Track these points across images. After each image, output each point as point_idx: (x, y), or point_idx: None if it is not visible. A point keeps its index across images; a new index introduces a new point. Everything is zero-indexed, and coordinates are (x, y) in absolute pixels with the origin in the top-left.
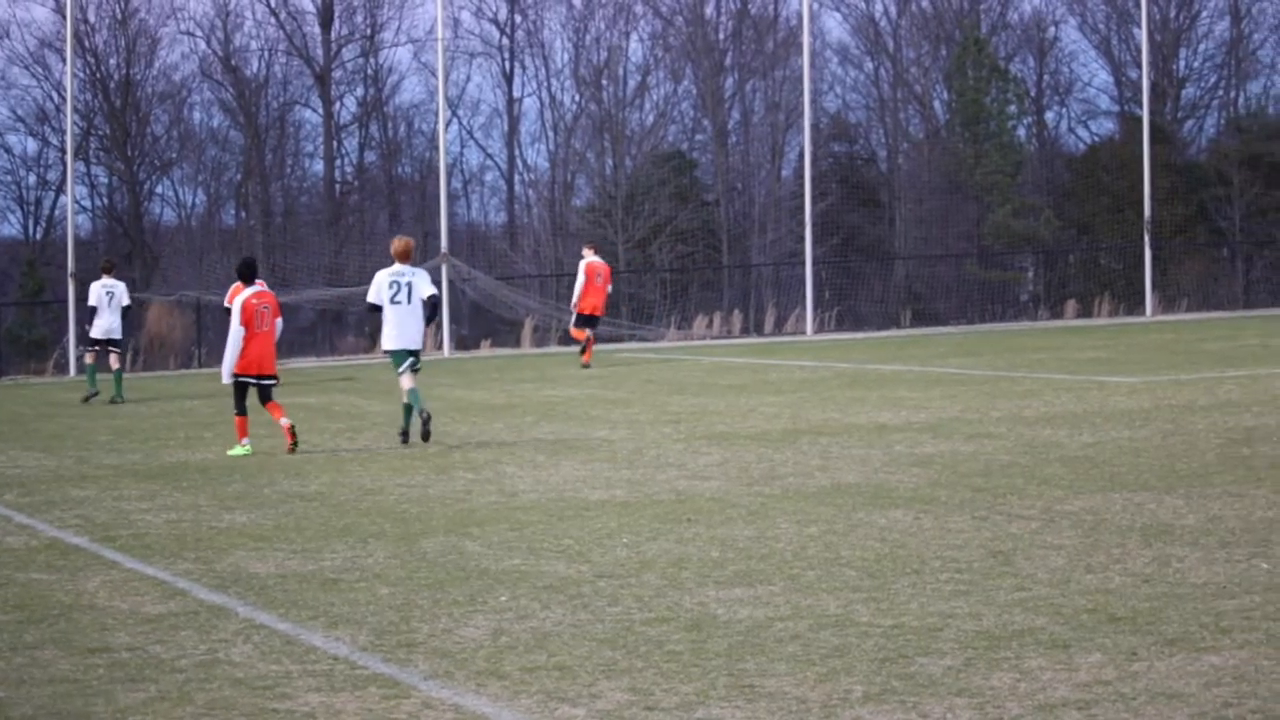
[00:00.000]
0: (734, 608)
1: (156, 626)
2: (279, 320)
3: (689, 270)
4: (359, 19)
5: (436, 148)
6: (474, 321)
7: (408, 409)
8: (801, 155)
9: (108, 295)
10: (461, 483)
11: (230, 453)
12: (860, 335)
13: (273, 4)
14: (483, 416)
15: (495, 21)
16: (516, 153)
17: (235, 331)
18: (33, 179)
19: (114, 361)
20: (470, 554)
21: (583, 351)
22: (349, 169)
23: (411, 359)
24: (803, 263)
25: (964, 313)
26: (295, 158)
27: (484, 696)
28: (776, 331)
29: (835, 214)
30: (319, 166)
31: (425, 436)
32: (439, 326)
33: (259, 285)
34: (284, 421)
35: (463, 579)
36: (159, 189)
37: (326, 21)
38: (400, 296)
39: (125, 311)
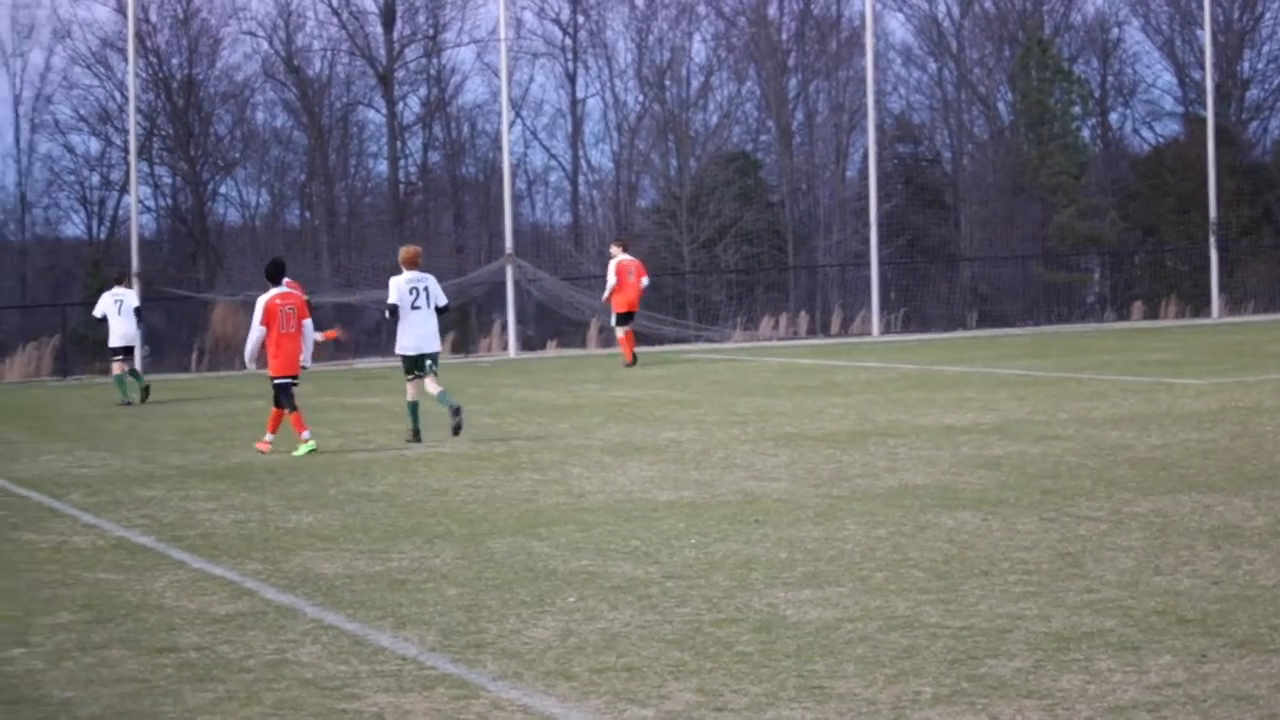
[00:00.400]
0: (803, 609)
1: (224, 626)
2: (307, 321)
3: (754, 271)
4: (421, 19)
5: (500, 148)
6: (540, 322)
7: (414, 408)
8: (866, 156)
9: (116, 304)
10: (528, 483)
11: (295, 453)
12: (926, 336)
13: (335, 4)
14: (549, 417)
15: (558, 22)
16: (580, 153)
17: (255, 330)
18: (96, 179)
19: (119, 367)
20: (538, 555)
21: (626, 350)
22: (413, 169)
23: (430, 362)
24: (868, 264)
25: (1030, 314)
26: (359, 158)
27: (552, 697)
28: (843, 333)
29: (900, 215)
30: (383, 167)
31: (456, 431)
32: (504, 327)
33: (285, 286)
34: (268, 438)
35: (531, 580)
36: (223, 189)
37: (389, 21)
38: (420, 301)
39: (139, 315)
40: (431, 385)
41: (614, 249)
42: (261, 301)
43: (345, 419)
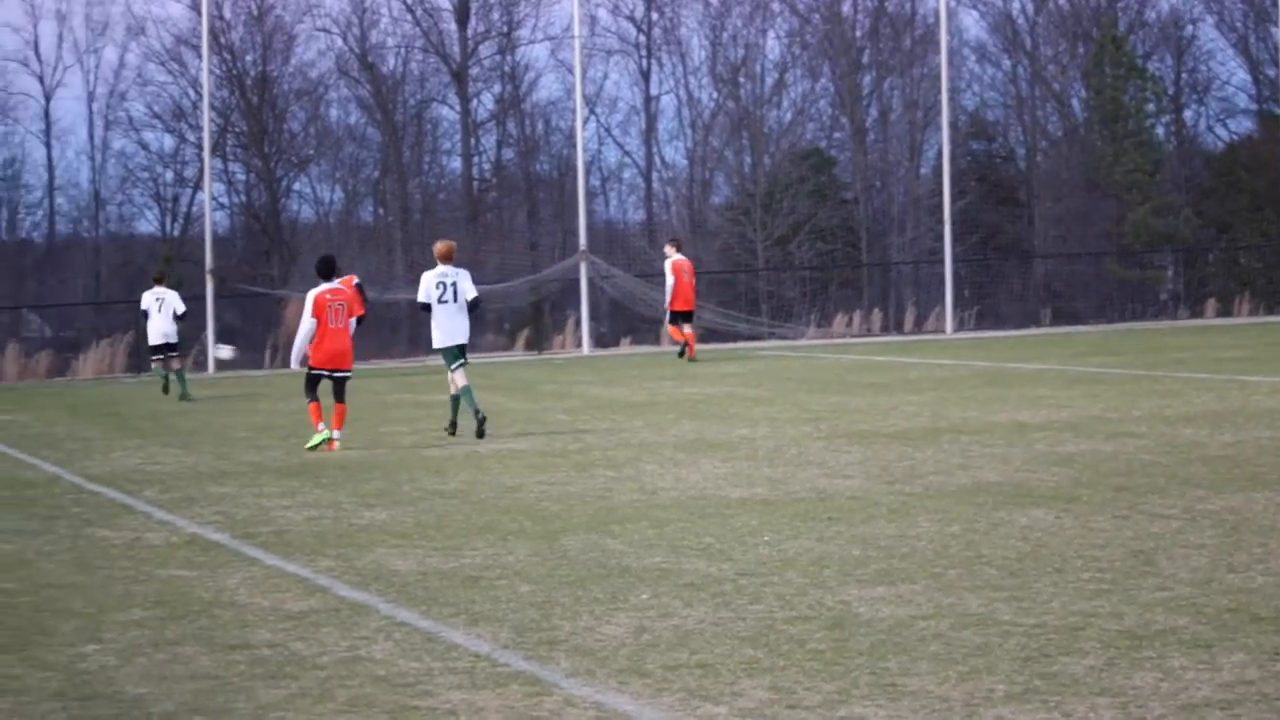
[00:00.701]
0: (876, 606)
1: (298, 623)
2: (354, 320)
3: (828, 268)
4: (495, 16)
5: (574, 145)
6: (613, 319)
7: (455, 401)
8: (940, 153)
9: (158, 302)
10: (602, 480)
11: (309, 445)
12: (1000, 334)
13: (409, 1)
14: (622, 414)
15: (632, 19)
16: (654, 150)
17: (306, 322)
18: (170, 176)
19: (174, 364)
20: (611, 552)
21: (683, 351)
22: (486, 166)
23: (461, 360)
24: (942, 261)
25: (1104, 311)
26: (433, 155)
27: (626, 694)
28: (916, 330)
29: (974, 212)
30: (456, 164)
31: (480, 435)
32: (578, 324)
33: (336, 283)
34: (337, 435)
35: (604, 577)
36: (296, 186)
37: (463, 18)
38: (446, 296)
39: (180, 318)
40: (459, 379)
41: (668, 249)
42: (311, 296)
43: (419, 415)
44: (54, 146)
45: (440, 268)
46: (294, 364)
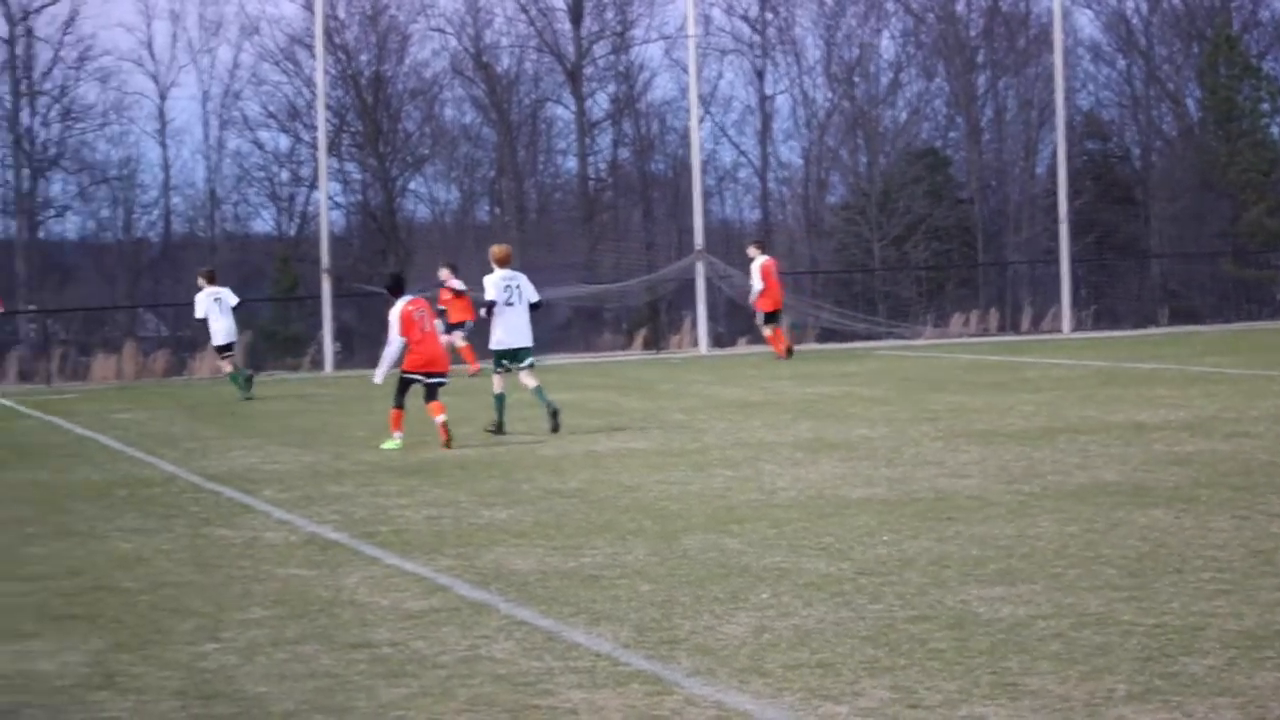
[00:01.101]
0: (996, 606)
1: (418, 622)
2: (437, 321)
3: (944, 268)
4: (609, 15)
5: (689, 145)
6: (730, 318)
7: (500, 400)
8: (1055, 153)
9: (216, 302)
10: (721, 480)
11: (383, 446)
12: (1117, 333)
13: (523, 1)
14: (740, 413)
15: (746, 19)
16: (769, 150)
17: (394, 342)
18: (285, 175)
19: (228, 365)
20: (731, 551)
21: (778, 347)
22: (602, 166)
23: (528, 360)
24: (1058, 260)
25: (1220, 311)
26: (548, 154)
27: (746, 694)
28: (1033, 329)
29: (1090, 211)
30: (572, 163)
31: (554, 429)
32: (695, 323)
33: (411, 295)
34: (440, 419)
35: (724, 576)
36: (412, 185)
37: (577, 18)
38: (513, 299)
39: (235, 309)
40: (529, 379)
41: (753, 250)
42: (395, 313)
43: (537, 415)
44: (169, 146)
45: (502, 271)
46: (378, 379)
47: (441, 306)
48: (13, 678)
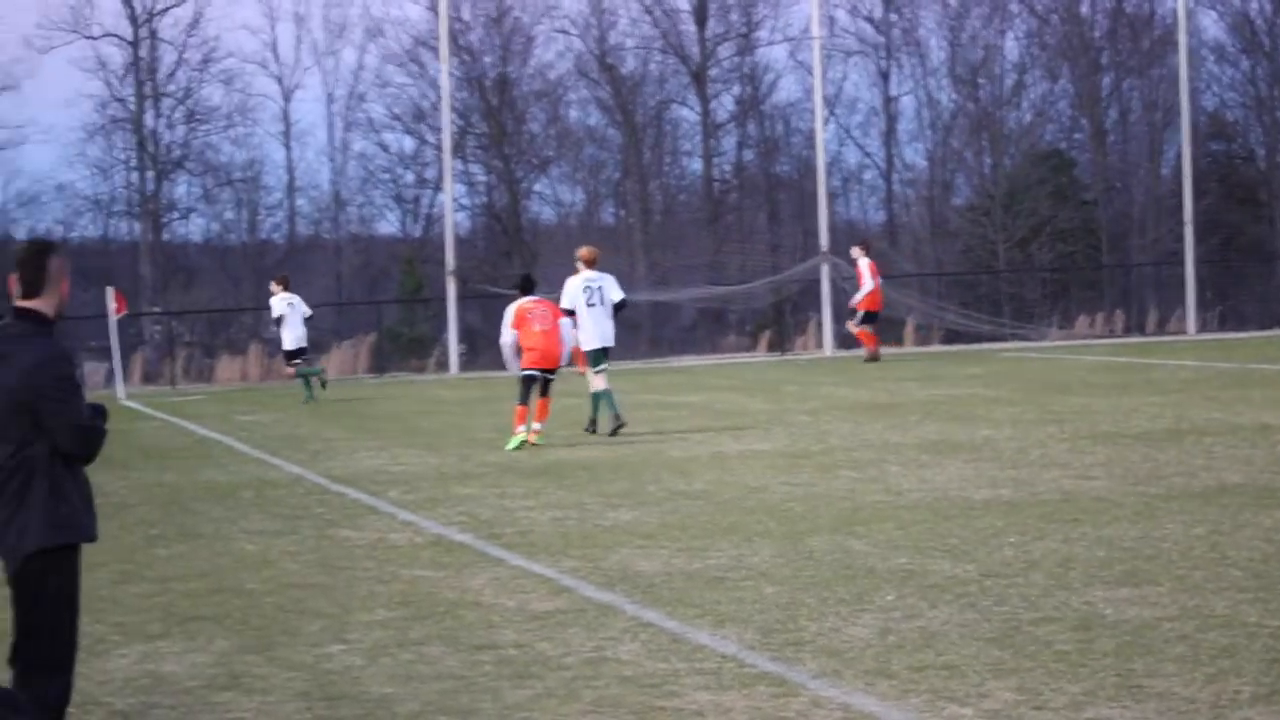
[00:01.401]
0: (1121, 608)
1: (543, 624)
2: (562, 320)
3: (1069, 269)
4: (734, 17)
5: (814, 146)
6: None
7: (596, 399)
8: (1180, 154)
9: (289, 307)
10: (846, 481)
11: (508, 447)
12: (1243, 335)
13: (647, 2)
14: (866, 415)
15: (870, 20)
16: (894, 151)
17: (504, 334)
18: (410, 177)
19: (293, 370)
20: (856, 553)
21: (870, 344)
22: (727, 167)
23: (602, 364)
24: (1183, 262)
25: None
26: (673, 156)
27: (872, 696)
28: (1158, 331)
29: (1215, 213)
30: (697, 165)
31: (613, 433)
32: (820, 325)
33: (536, 296)
34: (536, 426)
35: (849, 578)
36: (537, 187)
37: (701, 19)
38: (594, 299)
39: (308, 320)
40: (601, 382)
41: (857, 251)
42: (511, 309)
43: (664, 416)
44: (293, 148)
45: (586, 272)
46: (510, 367)
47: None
48: (140, 679)
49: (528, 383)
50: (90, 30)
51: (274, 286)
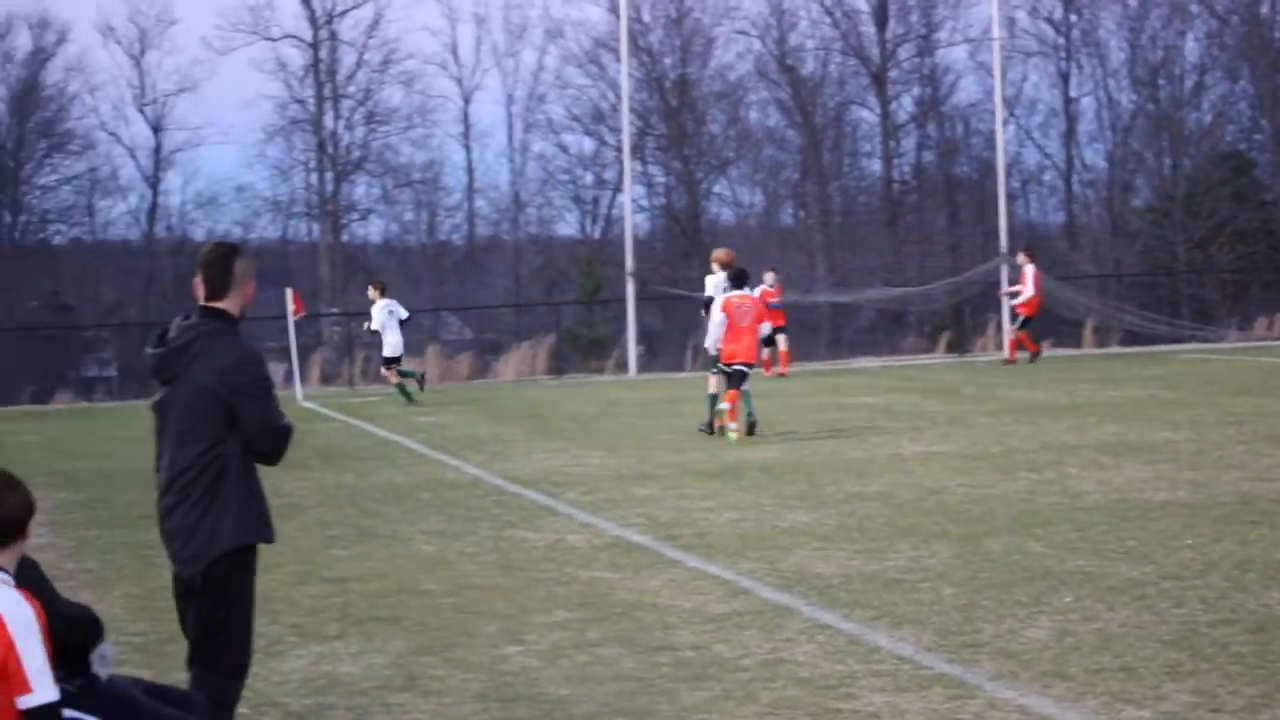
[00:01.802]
0: None
1: (720, 625)
2: (765, 324)
3: (1249, 270)
4: (914, 18)
5: (994, 148)
6: (1034, 321)
7: (712, 400)
8: None
9: (389, 314)
10: (1024, 483)
11: (728, 437)
12: None
13: (827, 3)
14: (1045, 417)
15: (1050, 21)
16: (1074, 153)
17: (716, 317)
18: (589, 178)
19: (395, 376)
20: (1033, 554)
21: (1030, 347)
22: (906, 168)
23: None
24: None
25: None
26: (852, 157)
27: (1048, 698)
28: None
29: None
30: (876, 166)
31: (749, 433)
32: (999, 326)
33: (745, 291)
34: (725, 406)
35: (1027, 580)
36: (716, 188)
37: (881, 21)
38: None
39: (404, 324)
40: (715, 385)
41: (1023, 257)
42: (720, 298)
43: (842, 417)
44: (473, 149)
45: (719, 275)
46: (710, 348)
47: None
48: (316, 679)
49: (728, 378)
50: (270, 32)
51: (372, 293)
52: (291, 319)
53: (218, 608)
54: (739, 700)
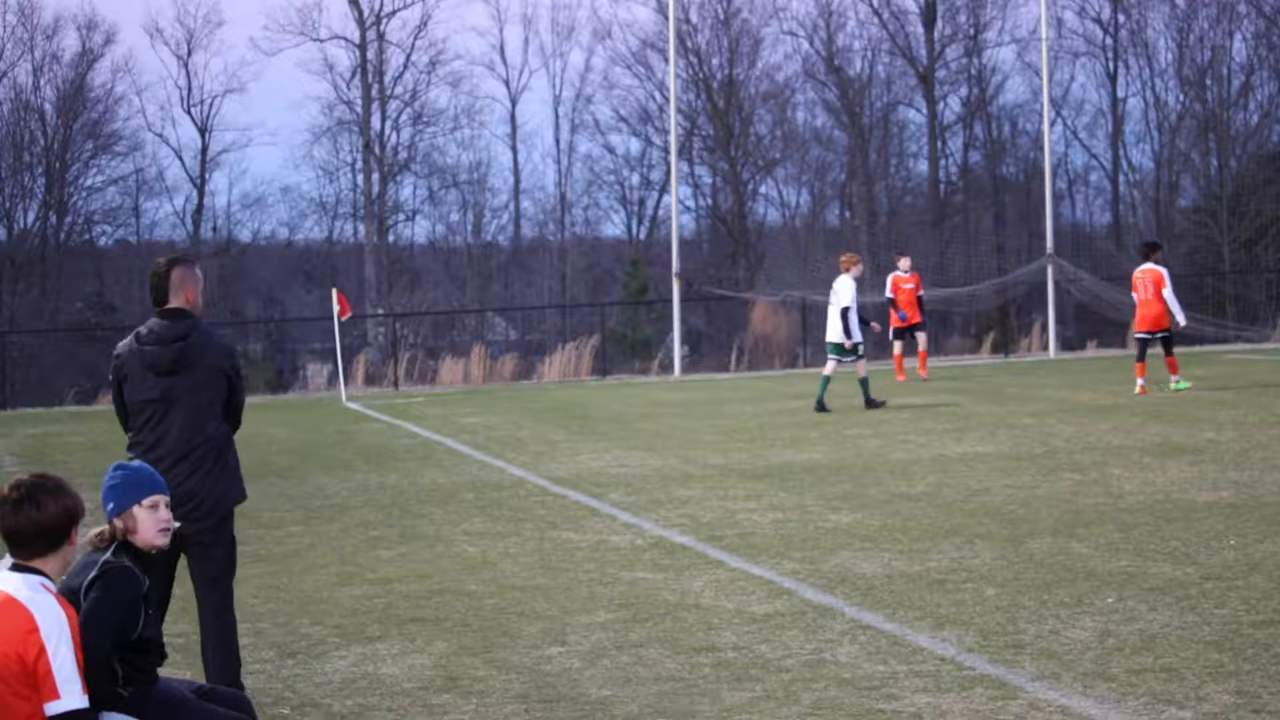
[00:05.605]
0: None
1: (763, 626)
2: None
3: None
4: (962, 19)
5: (1041, 148)
6: (1079, 322)
7: (825, 381)
8: None
9: None
10: (1068, 483)
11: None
12: None
13: (875, 4)
14: (1089, 417)
15: (1098, 21)
16: (1121, 153)
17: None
18: (636, 179)
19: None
20: (1077, 555)
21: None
22: (953, 169)
23: (840, 352)
24: None
25: None
26: (899, 158)
27: (1090, 699)
28: None
29: None
30: (923, 167)
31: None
32: (1044, 327)
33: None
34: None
35: (1069, 580)
36: (762, 189)
37: (929, 21)
38: (831, 300)
39: None
40: (829, 367)
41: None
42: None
43: (886, 418)
44: (519, 150)
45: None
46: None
47: (890, 296)
48: (358, 680)
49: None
50: (318, 33)
51: None
52: (337, 320)
53: (231, 548)
54: (780, 701)
